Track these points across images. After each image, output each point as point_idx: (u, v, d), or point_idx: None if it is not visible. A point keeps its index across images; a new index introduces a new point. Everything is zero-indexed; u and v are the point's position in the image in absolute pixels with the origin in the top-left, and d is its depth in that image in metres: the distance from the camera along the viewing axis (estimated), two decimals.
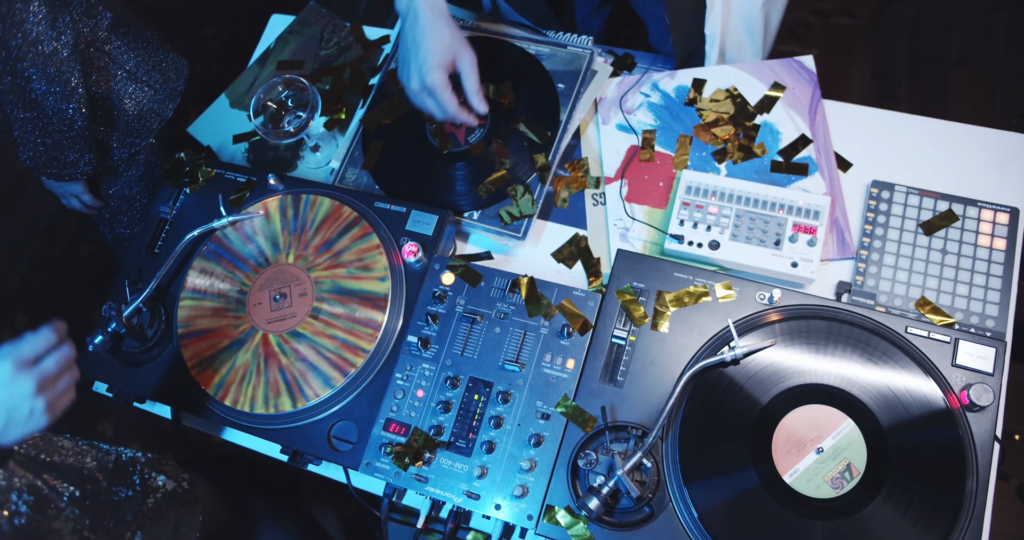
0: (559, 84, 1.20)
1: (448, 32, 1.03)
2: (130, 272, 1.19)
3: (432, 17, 1.03)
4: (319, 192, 1.15)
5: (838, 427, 0.87)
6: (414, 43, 1.03)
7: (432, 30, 1.03)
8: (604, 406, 0.93)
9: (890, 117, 1.15)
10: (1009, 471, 1.78)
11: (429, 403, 1.00)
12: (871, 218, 1.06)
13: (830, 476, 0.86)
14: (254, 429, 1.05)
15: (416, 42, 1.03)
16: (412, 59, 1.04)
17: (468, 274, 1.04)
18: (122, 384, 1.13)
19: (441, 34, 1.03)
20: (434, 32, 1.03)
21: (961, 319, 0.99)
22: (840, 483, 0.85)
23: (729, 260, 1.05)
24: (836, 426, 0.87)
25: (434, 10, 1.04)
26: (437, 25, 1.03)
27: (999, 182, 1.08)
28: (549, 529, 0.90)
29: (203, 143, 1.38)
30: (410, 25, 1.04)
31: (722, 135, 1.15)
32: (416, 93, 1.06)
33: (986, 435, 0.86)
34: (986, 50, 2.15)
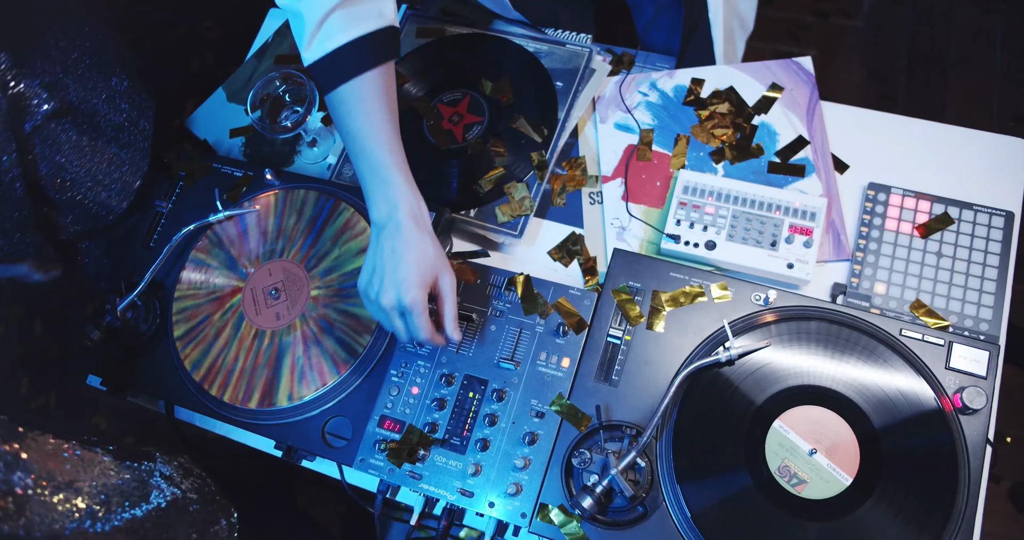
0: (557, 82, 1.20)
1: (432, 249, 0.92)
2: (125, 266, 1.18)
3: (417, 230, 0.92)
4: (316, 187, 1.15)
5: (831, 429, 0.88)
6: (392, 255, 0.91)
7: (416, 245, 0.91)
8: (599, 405, 0.94)
9: (887, 120, 1.15)
10: (1000, 473, 1.79)
11: (424, 400, 1.00)
12: (867, 220, 1.06)
13: (823, 477, 0.86)
14: (248, 424, 1.05)
15: (396, 255, 0.91)
16: (388, 273, 0.91)
17: (464, 271, 1.04)
18: (116, 378, 1.13)
19: (425, 250, 0.91)
20: (418, 247, 0.91)
21: (955, 322, 1.00)
22: (833, 484, 0.86)
23: (725, 261, 1.05)
24: (829, 428, 0.88)
25: (419, 223, 0.93)
26: (421, 240, 0.92)
27: (994, 186, 1.08)
28: (542, 527, 0.90)
29: (200, 137, 1.37)
30: (388, 236, 0.92)
31: (720, 135, 1.15)
32: (386, 310, 0.92)
33: (978, 438, 0.86)
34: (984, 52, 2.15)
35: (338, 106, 0.94)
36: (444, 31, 1.30)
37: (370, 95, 0.93)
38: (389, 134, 0.95)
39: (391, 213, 0.92)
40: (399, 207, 0.92)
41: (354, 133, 0.94)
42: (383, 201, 0.93)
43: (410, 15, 1.34)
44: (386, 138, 0.94)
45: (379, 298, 0.92)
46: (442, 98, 1.24)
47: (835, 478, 0.86)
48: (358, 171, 0.95)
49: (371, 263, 0.94)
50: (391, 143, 0.94)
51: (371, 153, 0.93)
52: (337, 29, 0.91)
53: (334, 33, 0.91)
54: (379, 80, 0.94)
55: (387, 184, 0.93)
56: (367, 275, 0.94)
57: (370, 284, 0.93)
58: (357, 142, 0.94)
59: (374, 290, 0.93)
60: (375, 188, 0.94)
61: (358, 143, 0.94)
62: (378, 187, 0.93)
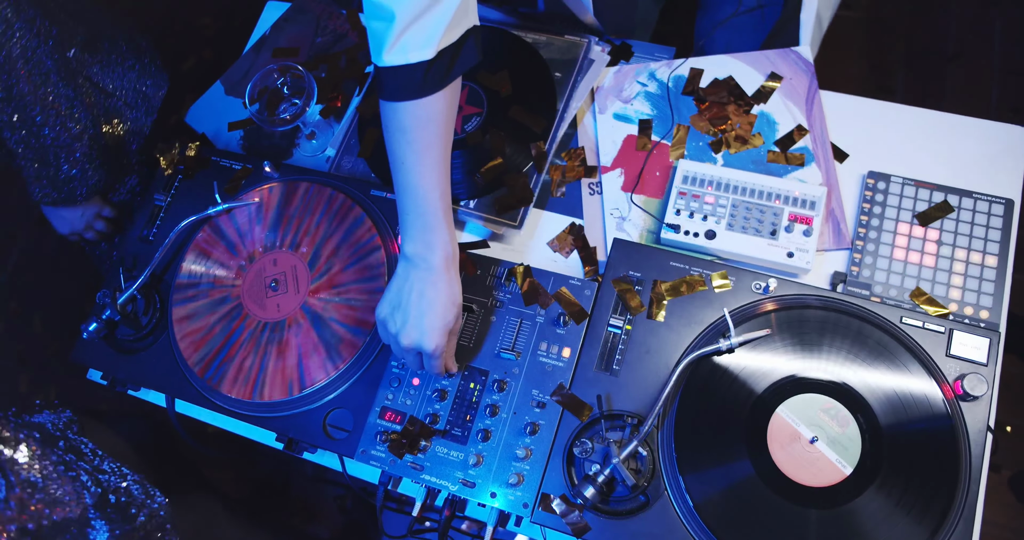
0: (556, 73, 1.20)
1: (459, 295, 0.92)
2: (124, 259, 1.18)
3: (448, 277, 0.91)
4: (315, 180, 1.15)
5: (832, 416, 0.88)
6: (420, 299, 0.90)
7: (446, 291, 0.91)
8: (600, 395, 0.94)
9: (887, 108, 1.15)
10: (1000, 462, 1.79)
11: (425, 391, 1.00)
12: (867, 209, 1.06)
13: (824, 464, 0.86)
14: (249, 417, 1.05)
15: (424, 300, 0.90)
16: (414, 317, 0.90)
17: (464, 262, 1.04)
18: (116, 372, 1.13)
19: (454, 297, 0.91)
20: (449, 294, 0.91)
21: (955, 310, 1.00)
22: (835, 472, 0.86)
23: (725, 250, 1.05)
24: (830, 415, 0.88)
25: (451, 267, 0.92)
26: (451, 286, 0.91)
27: (994, 173, 1.08)
28: (544, 517, 0.90)
29: (198, 131, 1.37)
30: (420, 277, 0.90)
31: (719, 125, 1.15)
32: (408, 350, 0.92)
33: (979, 425, 0.86)
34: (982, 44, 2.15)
35: (402, 118, 0.87)
36: None
37: (435, 117, 0.88)
38: (442, 174, 0.91)
39: (426, 255, 0.90)
40: (436, 251, 0.90)
41: (408, 165, 0.89)
42: (420, 240, 0.91)
43: None
44: (439, 180, 0.90)
45: (399, 335, 0.91)
46: None
47: (835, 467, 0.86)
48: (401, 200, 0.91)
49: (396, 297, 0.92)
50: (443, 185, 0.91)
51: (420, 193, 0.90)
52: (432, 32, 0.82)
53: (427, 37, 0.82)
54: (452, 95, 0.90)
55: (429, 227, 0.91)
56: (388, 307, 0.92)
57: (391, 318, 0.92)
58: (408, 175, 0.90)
59: (395, 325, 0.91)
60: (415, 226, 0.91)
61: (409, 177, 0.90)
62: (418, 225, 0.91)
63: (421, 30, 0.81)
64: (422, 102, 0.86)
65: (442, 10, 0.81)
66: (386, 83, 0.86)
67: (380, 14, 0.81)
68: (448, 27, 0.83)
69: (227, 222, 1.15)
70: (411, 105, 0.86)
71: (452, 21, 0.83)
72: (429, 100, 0.87)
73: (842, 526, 0.84)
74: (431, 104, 0.87)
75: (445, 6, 0.81)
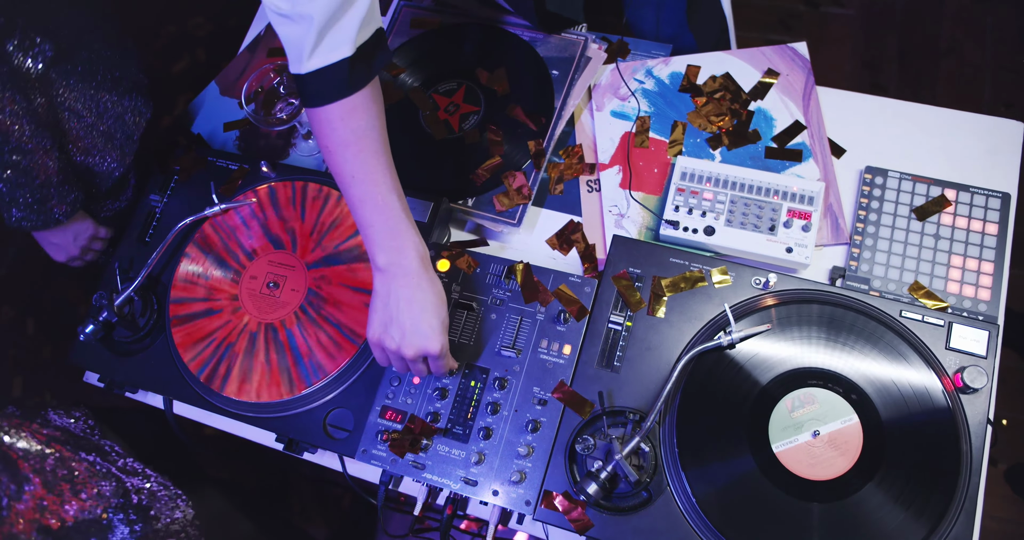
0: (553, 71, 1.20)
1: (441, 287, 0.92)
2: (121, 260, 1.18)
3: (427, 274, 0.91)
4: (312, 179, 1.14)
5: (834, 410, 0.88)
6: (409, 305, 0.89)
7: (431, 289, 0.90)
8: (601, 391, 0.94)
9: (883, 104, 1.15)
10: (997, 456, 1.80)
11: (425, 390, 0.99)
12: (864, 204, 1.07)
13: (826, 458, 0.86)
14: (249, 417, 1.05)
15: (413, 304, 0.89)
16: (409, 324, 0.89)
17: (463, 261, 1.04)
18: (113, 374, 1.12)
19: (439, 293, 0.91)
20: (434, 292, 0.90)
21: (954, 303, 1.00)
22: (836, 465, 0.86)
23: (724, 246, 1.05)
24: (832, 409, 0.88)
25: (427, 265, 0.91)
26: (433, 283, 0.91)
27: (990, 168, 1.08)
28: (547, 514, 0.90)
29: (193, 131, 1.36)
30: (400, 284, 0.89)
31: (716, 121, 1.15)
32: (414, 360, 0.91)
33: (979, 417, 0.86)
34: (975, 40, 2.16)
35: (341, 132, 0.87)
36: (439, 21, 1.30)
37: (372, 123, 0.88)
38: (393, 176, 0.91)
39: (401, 260, 0.90)
40: (409, 253, 0.90)
41: (359, 177, 0.88)
42: (391, 248, 0.90)
43: (404, 5, 1.33)
44: (392, 183, 0.90)
45: (401, 348, 0.89)
46: (438, 88, 1.23)
47: (837, 461, 0.86)
48: (361, 214, 0.90)
49: (383, 313, 0.90)
50: (397, 187, 0.91)
51: (379, 200, 0.89)
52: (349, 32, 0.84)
53: (346, 34, 0.83)
54: (379, 96, 0.90)
55: (396, 232, 0.90)
56: (380, 326, 0.91)
57: (387, 335, 0.90)
58: (362, 187, 0.89)
59: (393, 341, 0.90)
60: (382, 234, 0.90)
61: (364, 188, 0.89)
62: (385, 233, 0.90)
63: (339, 30, 0.83)
64: (355, 107, 0.87)
65: (355, 9, 0.83)
66: (314, 88, 0.86)
67: (296, 20, 0.82)
68: (361, 25, 0.84)
69: (224, 223, 1.14)
70: (345, 114, 0.87)
71: (364, 19, 0.85)
72: (361, 104, 0.87)
73: (845, 519, 0.84)
74: (364, 109, 0.88)
75: (358, 5, 0.83)
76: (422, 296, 0.90)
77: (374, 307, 0.92)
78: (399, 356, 0.91)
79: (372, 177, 0.89)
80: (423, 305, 0.89)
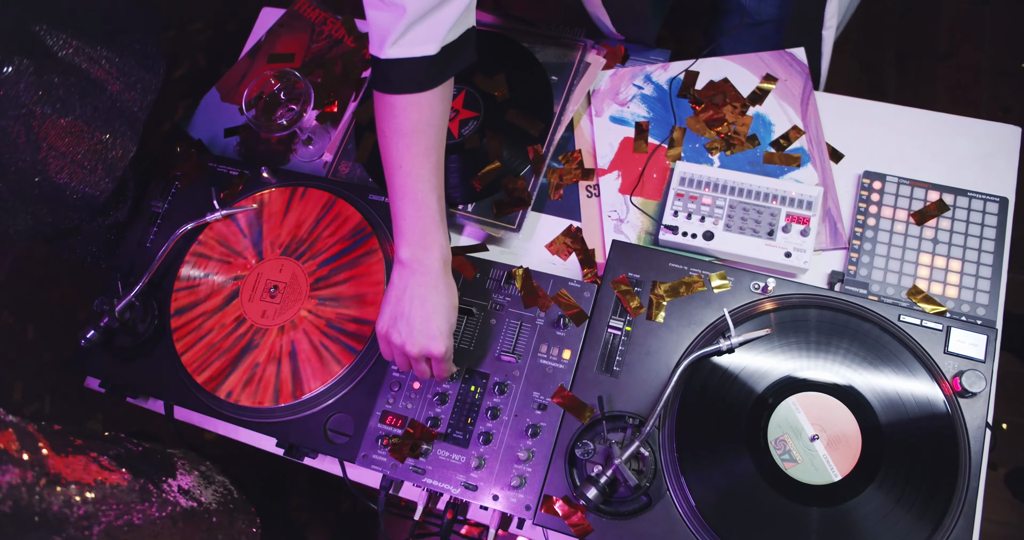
0: (552, 76, 1.20)
1: (456, 293, 0.93)
2: (122, 266, 1.18)
3: (446, 277, 0.91)
4: (313, 185, 1.15)
5: (833, 415, 0.88)
6: (423, 304, 0.89)
7: (446, 292, 0.90)
8: (601, 396, 0.94)
9: (881, 109, 1.15)
10: (997, 460, 1.80)
11: (425, 395, 1.00)
12: (863, 208, 1.07)
13: (825, 463, 0.86)
14: (250, 422, 1.05)
15: (427, 304, 0.89)
16: (418, 323, 0.89)
17: (463, 266, 1.04)
18: (115, 379, 1.13)
19: (453, 297, 0.91)
20: (449, 295, 0.91)
21: (952, 307, 1.01)
22: (823, 474, 0.86)
23: (723, 250, 1.06)
24: (831, 414, 0.88)
25: (448, 268, 0.92)
26: (450, 286, 0.91)
27: (988, 172, 1.09)
28: (547, 519, 0.90)
29: (194, 137, 1.37)
30: (417, 282, 0.89)
31: (715, 127, 1.15)
32: (417, 358, 0.91)
33: (978, 421, 0.87)
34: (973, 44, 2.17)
35: (401, 121, 0.87)
36: None
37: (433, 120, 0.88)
38: (440, 177, 0.91)
39: (424, 258, 0.89)
40: (434, 253, 0.90)
41: (406, 168, 0.89)
42: (419, 244, 0.90)
43: None
44: (437, 183, 0.91)
45: (406, 345, 0.90)
46: None
47: (826, 469, 0.86)
48: (398, 205, 0.90)
49: (395, 307, 0.90)
50: (440, 188, 0.91)
51: (419, 196, 0.89)
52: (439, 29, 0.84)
53: (434, 32, 0.83)
54: (447, 96, 0.90)
55: (427, 230, 0.90)
56: (389, 319, 0.91)
57: (394, 329, 0.90)
58: (407, 179, 0.89)
59: (399, 336, 0.90)
60: (413, 229, 0.90)
61: (407, 180, 0.89)
62: (417, 229, 0.90)
63: (429, 26, 0.83)
64: (421, 101, 0.87)
65: (451, 8, 0.83)
66: (387, 75, 0.85)
67: (389, 6, 0.81)
68: (453, 25, 0.84)
69: (225, 228, 1.15)
70: (410, 105, 0.87)
71: (458, 20, 0.84)
72: (427, 100, 0.87)
73: (844, 524, 0.84)
74: (429, 105, 0.88)
75: (455, 4, 0.83)
76: (436, 297, 0.90)
77: (387, 299, 0.92)
78: (403, 352, 0.91)
79: (418, 172, 0.89)
80: (436, 306, 0.89)
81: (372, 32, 0.85)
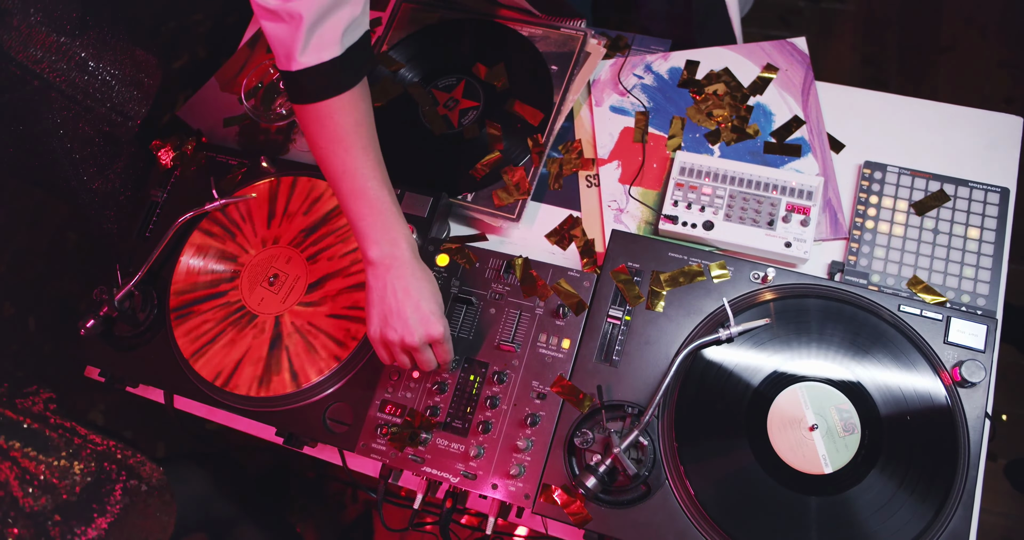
0: (552, 66, 1.20)
1: (432, 276, 0.95)
2: (121, 255, 1.18)
3: (420, 264, 0.93)
4: (312, 175, 1.14)
5: (833, 404, 0.88)
6: (407, 295, 0.90)
7: (425, 277, 0.92)
8: (600, 385, 0.94)
9: (882, 99, 1.15)
10: (996, 451, 1.80)
11: (425, 384, 1.00)
12: (863, 199, 1.07)
13: (824, 452, 0.86)
14: (249, 412, 1.05)
15: (411, 293, 0.90)
16: (409, 313, 0.90)
17: (463, 256, 1.04)
18: (114, 369, 1.13)
19: (432, 280, 0.94)
20: (429, 278, 0.93)
21: (952, 297, 1.00)
22: (834, 459, 0.86)
23: (723, 240, 1.05)
24: (831, 403, 0.88)
25: (417, 254, 0.94)
26: (426, 271, 0.93)
27: (989, 163, 1.09)
28: (546, 508, 0.90)
29: (193, 127, 1.37)
30: (395, 275, 0.91)
31: (715, 116, 1.15)
32: (420, 347, 0.91)
33: (977, 411, 0.87)
34: (974, 35, 2.16)
35: (331, 128, 0.89)
36: (438, 16, 1.30)
37: (362, 119, 0.91)
38: (384, 171, 0.93)
39: (392, 250, 0.91)
40: (399, 243, 0.91)
41: (351, 171, 0.90)
42: (384, 240, 0.91)
43: (404, 1, 1.33)
44: (383, 177, 0.92)
45: (404, 339, 0.90)
46: (437, 84, 1.23)
47: (831, 457, 0.86)
48: (353, 208, 0.92)
49: (380, 308, 0.91)
50: (388, 181, 0.93)
51: (371, 194, 0.91)
52: (336, 32, 0.86)
53: (334, 35, 0.86)
54: (367, 95, 0.93)
55: (388, 224, 0.91)
56: (378, 322, 0.91)
57: (388, 328, 0.91)
58: (355, 181, 0.91)
59: (395, 333, 0.90)
60: (375, 228, 0.91)
61: (356, 182, 0.91)
62: (378, 226, 0.91)
63: (330, 29, 0.86)
64: (344, 103, 0.89)
65: (345, 10, 0.86)
66: (304, 86, 0.88)
67: (285, 18, 0.84)
68: (349, 27, 0.87)
69: (224, 218, 1.15)
70: (335, 110, 0.89)
71: (354, 21, 0.87)
72: (350, 101, 0.89)
73: (842, 512, 0.84)
74: (353, 105, 0.90)
75: (347, 7, 0.86)
76: (418, 284, 0.91)
77: (371, 303, 0.92)
78: (403, 345, 0.91)
79: (363, 171, 0.91)
80: (420, 292, 0.91)
81: (276, 48, 0.88)
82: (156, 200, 1.20)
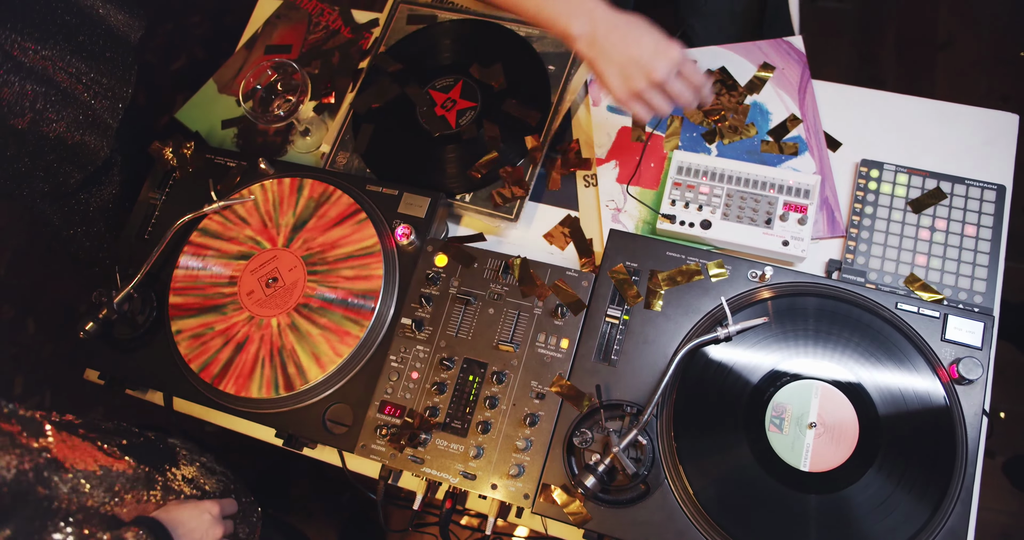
0: (549, 66, 1.20)
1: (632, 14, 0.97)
2: (120, 258, 1.18)
3: (617, 11, 0.96)
4: (310, 176, 1.15)
5: (831, 402, 0.88)
6: (625, 40, 0.94)
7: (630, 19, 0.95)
8: (599, 385, 0.94)
9: (879, 97, 1.15)
10: (995, 448, 1.81)
11: (424, 384, 1.00)
12: (860, 197, 1.07)
13: (823, 450, 0.87)
14: (248, 413, 1.05)
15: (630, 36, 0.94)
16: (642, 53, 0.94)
17: (461, 256, 1.04)
18: (114, 371, 1.13)
19: (635, 18, 0.96)
20: (632, 20, 0.95)
21: (950, 295, 1.01)
22: (833, 457, 0.86)
23: (721, 239, 1.06)
24: (829, 401, 0.88)
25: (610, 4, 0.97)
26: (626, 14, 0.96)
27: (986, 160, 1.09)
28: (545, 508, 0.90)
29: (191, 129, 1.37)
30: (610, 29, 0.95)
31: (712, 116, 1.15)
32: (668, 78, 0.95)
33: (975, 409, 0.87)
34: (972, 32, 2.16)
35: None
36: (436, 17, 1.30)
37: None
38: None
39: (592, 13, 0.95)
40: (598, 7, 0.95)
41: None
42: (576, 11, 0.96)
43: (401, 2, 1.33)
44: None
45: (653, 73, 0.94)
46: (434, 84, 1.23)
47: (829, 455, 0.86)
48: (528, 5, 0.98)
49: (612, 68, 0.95)
50: None
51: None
52: None
53: None
54: None
55: None
56: (619, 79, 0.95)
57: (631, 78, 0.95)
58: None
59: (641, 80, 0.94)
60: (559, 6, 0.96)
61: None
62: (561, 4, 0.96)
63: None
64: None
65: None
66: None
67: None
68: None
69: (223, 219, 1.15)
70: None
71: None
72: None
73: (840, 510, 0.84)
74: None
75: None
76: (630, 29, 0.94)
77: (600, 71, 0.96)
78: (654, 82, 0.95)
79: None
80: (638, 31, 0.95)
81: None
82: (155, 202, 1.20)
